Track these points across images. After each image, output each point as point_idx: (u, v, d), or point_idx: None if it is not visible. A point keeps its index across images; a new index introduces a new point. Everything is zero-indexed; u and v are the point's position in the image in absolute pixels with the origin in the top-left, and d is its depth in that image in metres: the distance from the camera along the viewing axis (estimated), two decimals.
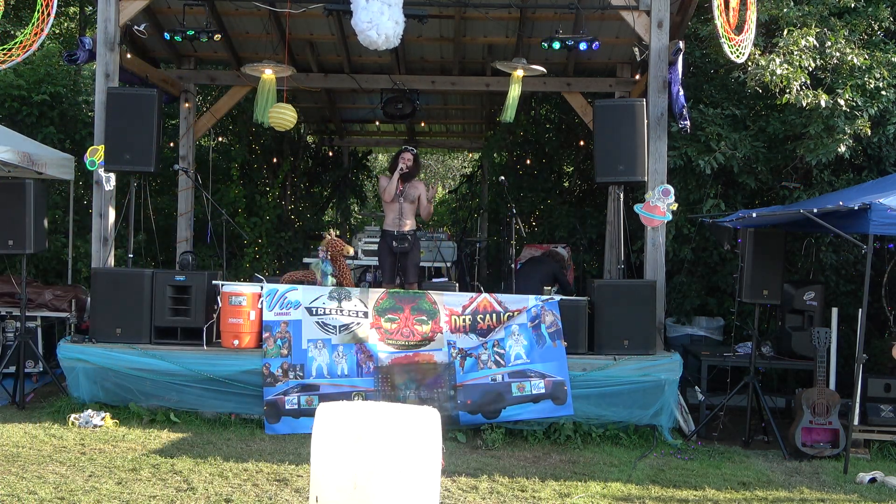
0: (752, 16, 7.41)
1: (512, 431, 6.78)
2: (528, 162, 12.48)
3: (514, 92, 8.66)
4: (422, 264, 9.01)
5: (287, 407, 6.72)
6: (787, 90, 7.47)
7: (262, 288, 7.14)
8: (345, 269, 7.60)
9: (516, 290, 7.78)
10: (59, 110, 10.74)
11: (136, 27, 8.22)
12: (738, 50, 7.31)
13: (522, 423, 6.78)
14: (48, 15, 7.43)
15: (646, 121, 7.23)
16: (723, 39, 7.21)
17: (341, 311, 7.07)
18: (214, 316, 7.20)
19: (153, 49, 9.93)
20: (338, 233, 8.15)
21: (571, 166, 12.61)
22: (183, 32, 7.89)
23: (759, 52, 7.83)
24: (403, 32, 7.39)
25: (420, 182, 8.24)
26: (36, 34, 7.44)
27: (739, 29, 7.36)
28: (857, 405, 6.49)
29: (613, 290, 7.15)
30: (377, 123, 13.54)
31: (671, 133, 7.70)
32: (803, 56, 7.56)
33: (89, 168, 7.52)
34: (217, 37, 7.99)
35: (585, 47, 7.92)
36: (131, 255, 7.55)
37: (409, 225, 8.03)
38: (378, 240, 8.56)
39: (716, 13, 7.14)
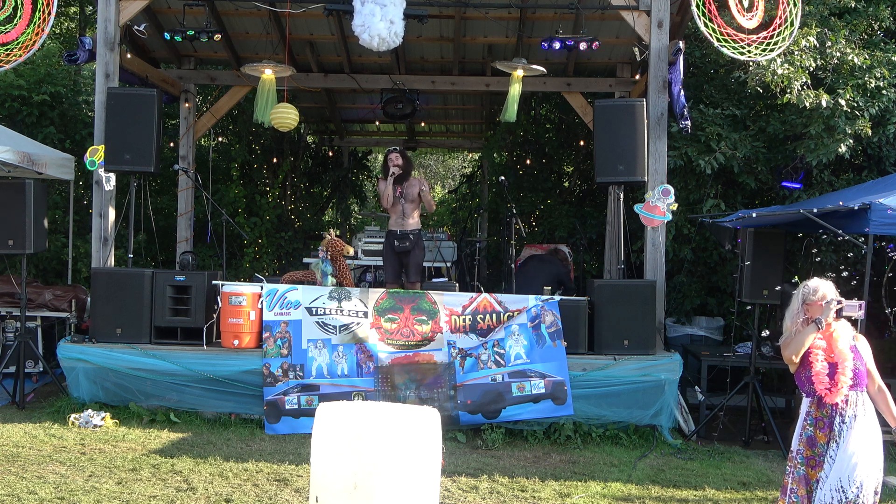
0: (791, 9, 7.25)
1: (512, 431, 6.78)
2: (528, 162, 12.48)
3: (514, 92, 8.65)
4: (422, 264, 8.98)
5: (287, 407, 6.72)
6: (789, 90, 7.47)
7: (262, 288, 7.14)
8: (345, 269, 7.60)
9: (518, 287, 7.77)
10: (59, 110, 10.74)
11: (136, 27, 8.23)
12: (753, 49, 7.24)
13: (522, 423, 6.78)
14: (49, 14, 7.43)
15: (646, 121, 7.24)
16: (718, 43, 7.20)
17: (341, 311, 7.07)
18: (214, 316, 7.20)
19: (153, 49, 9.93)
20: (338, 233, 8.16)
21: (571, 166, 12.61)
22: (183, 32, 7.90)
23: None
24: (403, 32, 7.37)
25: (416, 179, 8.18)
26: (38, 34, 7.44)
27: (766, 25, 7.30)
28: None
29: (613, 290, 7.14)
30: (377, 123, 13.54)
31: (671, 133, 7.70)
32: (804, 56, 7.56)
33: (89, 168, 7.52)
34: (217, 37, 8.00)
35: (585, 47, 7.93)
36: (131, 255, 7.56)
37: (411, 224, 7.98)
38: (378, 239, 8.53)
39: (700, 22, 7.13)
